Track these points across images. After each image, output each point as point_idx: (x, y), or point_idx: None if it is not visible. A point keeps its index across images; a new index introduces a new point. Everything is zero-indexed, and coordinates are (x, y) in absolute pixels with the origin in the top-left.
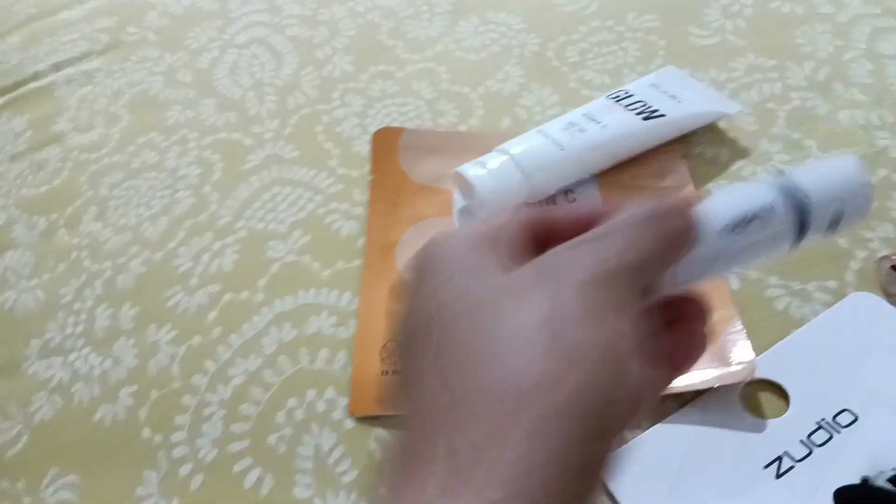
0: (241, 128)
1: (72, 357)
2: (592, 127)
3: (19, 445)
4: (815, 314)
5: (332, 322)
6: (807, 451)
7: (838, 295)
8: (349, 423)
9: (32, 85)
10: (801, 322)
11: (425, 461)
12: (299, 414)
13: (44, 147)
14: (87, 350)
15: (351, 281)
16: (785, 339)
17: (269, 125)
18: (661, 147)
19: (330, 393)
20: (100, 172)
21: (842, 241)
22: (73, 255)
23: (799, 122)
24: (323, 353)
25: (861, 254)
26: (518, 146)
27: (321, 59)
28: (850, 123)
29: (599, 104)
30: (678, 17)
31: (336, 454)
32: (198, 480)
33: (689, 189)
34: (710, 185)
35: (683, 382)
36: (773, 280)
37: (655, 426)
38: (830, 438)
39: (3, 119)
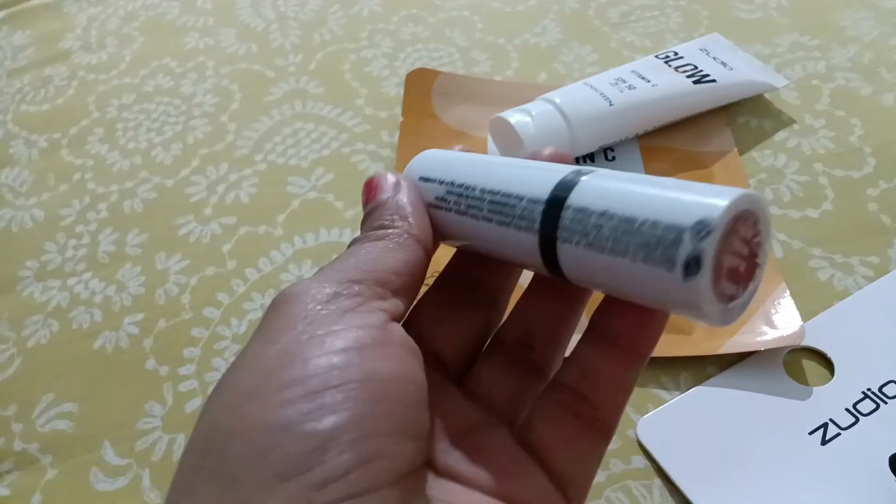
0: (263, 59)
1: (71, 281)
2: (642, 85)
3: (11, 369)
4: (858, 287)
5: None
6: (853, 420)
7: (880, 270)
8: None
9: (36, 1)
10: (843, 294)
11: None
12: None
13: (48, 64)
14: (88, 275)
15: None
16: (829, 310)
17: (292, 59)
18: (706, 114)
19: None
20: (109, 94)
21: (885, 218)
22: (77, 175)
23: (843, 101)
24: None
25: None
26: (564, 96)
27: None
28: (894, 106)
29: (648, 62)
30: None
31: None
32: None
33: (734, 154)
34: (754, 153)
35: (730, 346)
36: (816, 251)
37: (695, 388)
38: (877, 408)
39: (2, 33)
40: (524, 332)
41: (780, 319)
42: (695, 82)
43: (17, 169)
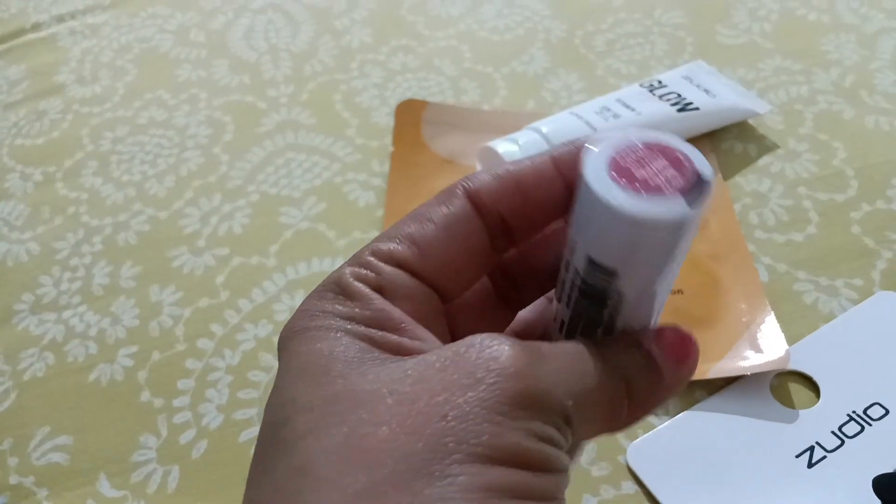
0: (256, 91)
1: (66, 314)
2: (626, 113)
3: (7, 402)
4: (843, 309)
5: None
6: (839, 442)
7: (864, 293)
8: None
9: (32, 35)
10: (828, 317)
11: None
12: None
13: (42, 97)
14: (83, 308)
15: None
16: (814, 333)
17: (284, 90)
18: (691, 140)
19: None
20: (103, 126)
21: (868, 241)
22: (71, 209)
23: (826, 125)
24: None
25: (887, 254)
26: (550, 125)
27: (339, 29)
28: (876, 129)
29: (632, 91)
30: (705, 15)
31: None
32: (200, 448)
33: (717, 180)
34: (738, 178)
35: (717, 370)
36: (801, 274)
37: (684, 412)
38: (862, 430)
39: None
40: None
41: (765, 343)
42: (678, 110)
43: (12, 202)
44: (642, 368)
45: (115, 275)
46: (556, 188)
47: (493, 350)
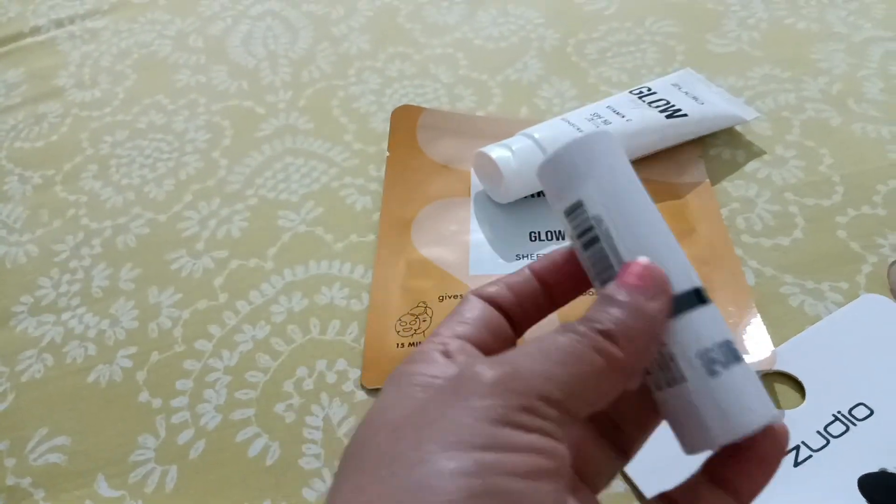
0: (254, 96)
1: (65, 316)
2: (617, 120)
3: (5, 404)
4: (828, 312)
5: (345, 294)
6: (824, 442)
7: (850, 296)
8: (361, 395)
9: (31, 39)
10: (814, 319)
11: None
12: (308, 384)
13: (41, 101)
14: (82, 310)
15: (364, 254)
16: (800, 334)
17: (282, 96)
18: (680, 146)
19: (341, 364)
20: (102, 130)
21: (854, 245)
22: (71, 211)
23: (813, 132)
24: (334, 324)
25: (872, 259)
26: (543, 131)
27: (337, 36)
28: (863, 136)
29: (623, 98)
30: (695, 24)
31: (346, 426)
32: (199, 448)
33: (706, 185)
34: (725, 183)
35: None
36: (788, 278)
37: None
38: (847, 430)
39: None
40: (614, 409)
41: (752, 345)
42: (667, 116)
43: (10, 205)
44: (612, 311)
45: (114, 277)
46: (533, 285)
47: (466, 367)
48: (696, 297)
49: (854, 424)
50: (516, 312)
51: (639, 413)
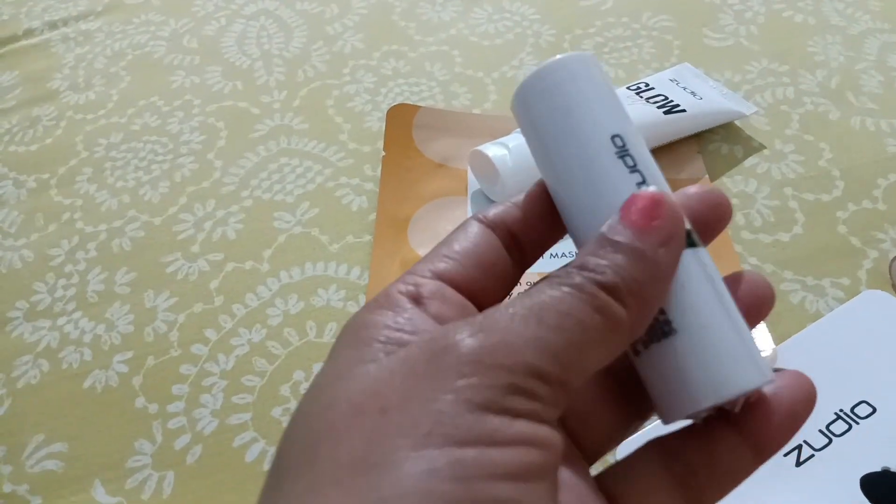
0: (248, 97)
1: (61, 321)
2: None
3: (1, 410)
4: (829, 309)
5: (341, 296)
6: (826, 441)
7: (851, 292)
8: None
9: (24, 42)
10: (815, 316)
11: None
12: (305, 387)
13: (36, 104)
14: (77, 314)
15: (360, 255)
16: (801, 332)
17: (277, 96)
18: (678, 141)
19: None
20: (96, 133)
21: (854, 240)
22: (66, 215)
23: (812, 125)
24: (331, 327)
25: (873, 254)
26: None
27: (332, 34)
28: (861, 129)
29: (620, 94)
30: (692, 19)
31: None
32: (195, 453)
33: (705, 181)
34: (724, 178)
35: None
36: (788, 274)
37: None
38: (850, 429)
39: None
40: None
41: None
42: (665, 112)
43: (5, 210)
44: (615, 259)
45: (109, 281)
46: (546, 202)
47: (440, 332)
48: (688, 240)
49: (856, 423)
50: (525, 234)
51: None
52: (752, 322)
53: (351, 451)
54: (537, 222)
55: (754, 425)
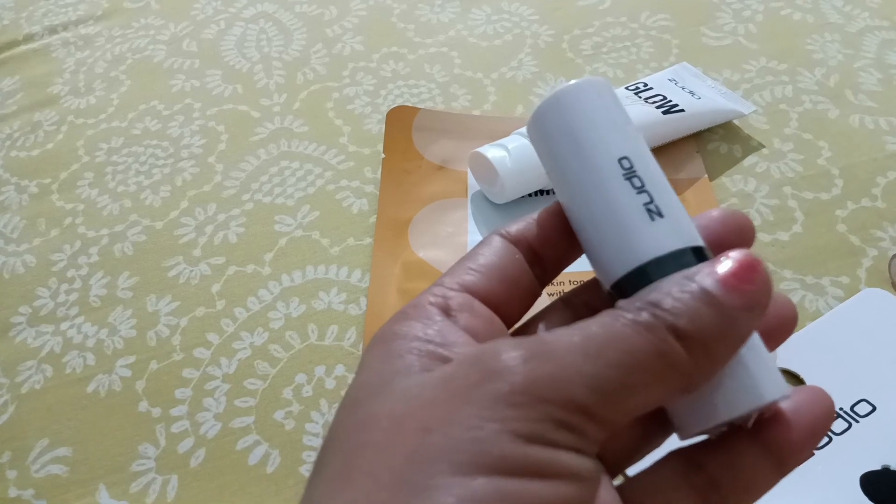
0: (249, 100)
1: (64, 325)
2: None
3: (6, 415)
4: (829, 308)
5: (343, 299)
6: (826, 440)
7: (850, 290)
8: None
9: (25, 47)
10: (815, 315)
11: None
12: (307, 390)
13: (37, 109)
14: (80, 319)
15: (361, 258)
16: (801, 331)
17: (277, 99)
18: (677, 141)
19: (340, 370)
20: (97, 137)
21: (854, 239)
22: (68, 220)
23: (811, 124)
24: (333, 330)
25: (873, 252)
26: None
27: (331, 37)
28: (861, 128)
29: (619, 94)
30: (690, 18)
31: None
32: (199, 456)
33: (704, 181)
34: (723, 178)
35: None
36: (787, 273)
37: None
38: (850, 427)
39: None
40: None
41: None
42: (664, 112)
43: (7, 215)
44: (694, 305)
45: (111, 285)
46: (562, 222)
47: (488, 352)
48: (699, 257)
49: (856, 421)
50: (546, 251)
51: None
52: (773, 344)
53: (391, 470)
54: (555, 240)
55: (776, 439)
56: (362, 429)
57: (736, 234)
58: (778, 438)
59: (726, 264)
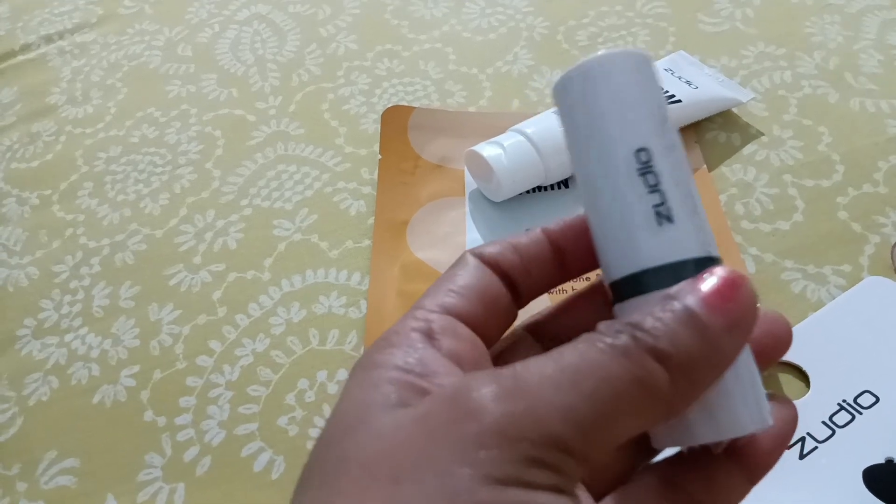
0: (244, 104)
1: (68, 337)
2: None
3: (14, 428)
4: (831, 297)
5: (342, 302)
6: (829, 433)
7: (853, 279)
8: None
9: (21, 57)
10: (817, 305)
11: None
12: (310, 395)
13: (35, 119)
14: (84, 330)
15: (360, 261)
16: (803, 322)
17: (272, 102)
18: None
19: (342, 374)
20: (96, 147)
21: (855, 226)
22: (69, 231)
23: (810, 110)
24: (333, 334)
25: (875, 239)
26: (534, 126)
27: (325, 36)
28: (861, 111)
29: None
30: (687, 4)
31: None
32: (205, 464)
33: (703, 172)
34: (723, 168)
35: None
36: (788, 263)
37: None
38: (853, 419)
39: None
40: None
41: None
42: None
43: (10, 227)
44: (674, 327)
45: (114, 295)
46: (544, 248)
47: (461, 390)
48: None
49: (860, 413)
50: (521, 279)
51: None
52: (765, 363)
53: None
54: (533, 268)
55: (747, 454)
56: (336, 473)
57: (774, 340)
58: (750, 453)
59: (710, 282)
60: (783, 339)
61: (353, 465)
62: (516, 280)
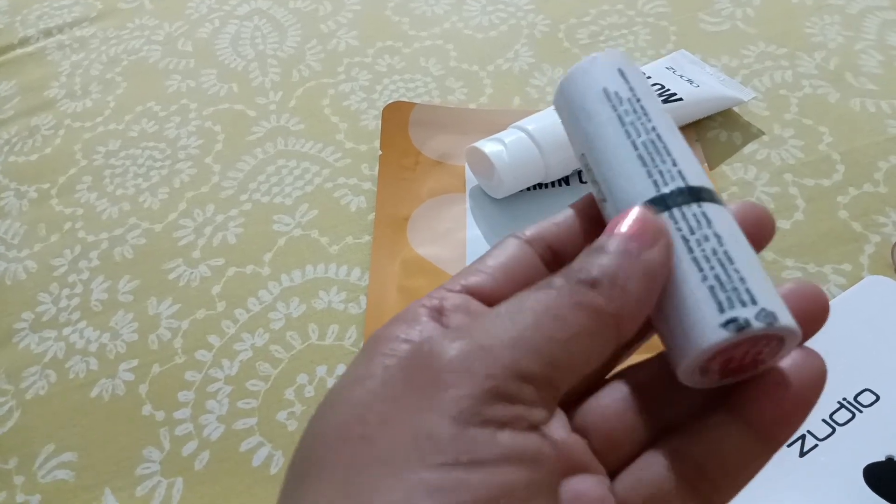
0: (245, 99)
1: (67, 331)
2: None
3: (11, 422)
4: (832, 296)
5: (342, 298)
6: (830, 431)
7: (853, 278)
8: None
9: (20, 51)
10: None
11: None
12: (309, 390)
13: (34, 113)
14: (82, 324)
15: (360, 256)
16: None
17: (273, 97)
18: None
19: (341, 369)
20: (95, 141)
21: (856, 225)
22: (67, 225)
23: (811, 109)
24: (333, 329)
25: (875, 238)
26: (535, 123)
27: (325, 32)
28: (861, 111)
29: None
30: (687, 3)
31: None
32: (203, 459)
33: (703, 169)
34: (723, 166)
35: None
36: (789, 262)
37: None
38: (853, 417)
39: None
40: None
41: None
42: (662, 102)
43: (8, 221)
44: (598, 259)
45: (112, 289)
46: (585, 220)
47: (425, 340)
48: (695, 195)
49: (860, 411)
50: (568, 251)
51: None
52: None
53: (333, 485)
54: (576, 238)
55: (763, 412)
56: (312, 444)
57: (754, 225)
58: (767, 412)
59: (616, 223)
60: (765, 222)
61: (328, 431)
62: (560, 252)
